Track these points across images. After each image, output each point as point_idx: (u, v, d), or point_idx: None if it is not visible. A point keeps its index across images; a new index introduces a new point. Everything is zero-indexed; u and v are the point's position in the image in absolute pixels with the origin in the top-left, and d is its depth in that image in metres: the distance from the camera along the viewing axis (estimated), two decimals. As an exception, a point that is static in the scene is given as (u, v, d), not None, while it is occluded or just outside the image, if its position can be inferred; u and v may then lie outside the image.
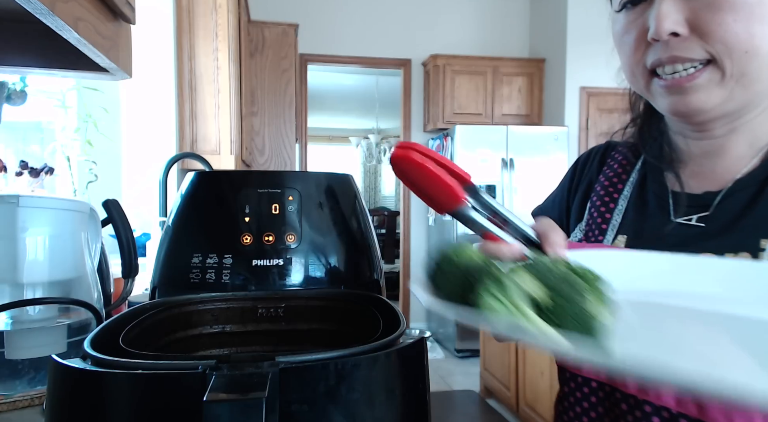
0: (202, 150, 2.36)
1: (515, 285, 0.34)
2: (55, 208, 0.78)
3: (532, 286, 0.34)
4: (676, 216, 0.59)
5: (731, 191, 0.57)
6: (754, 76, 0.52)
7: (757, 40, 0.50)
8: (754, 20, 0.50)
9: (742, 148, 0.58)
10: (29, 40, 0.63)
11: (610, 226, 0.65)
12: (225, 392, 0.34)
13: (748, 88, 0.53)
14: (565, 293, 0.34)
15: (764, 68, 0.52)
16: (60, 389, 0.40)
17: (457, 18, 4.98)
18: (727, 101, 0.54)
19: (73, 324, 0.75)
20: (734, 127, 0.57)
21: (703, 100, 0.54)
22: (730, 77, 0.52)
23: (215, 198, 0.75)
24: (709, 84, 0.53)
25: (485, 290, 0.34)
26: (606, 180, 0.69)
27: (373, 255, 0.79)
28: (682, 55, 0.53)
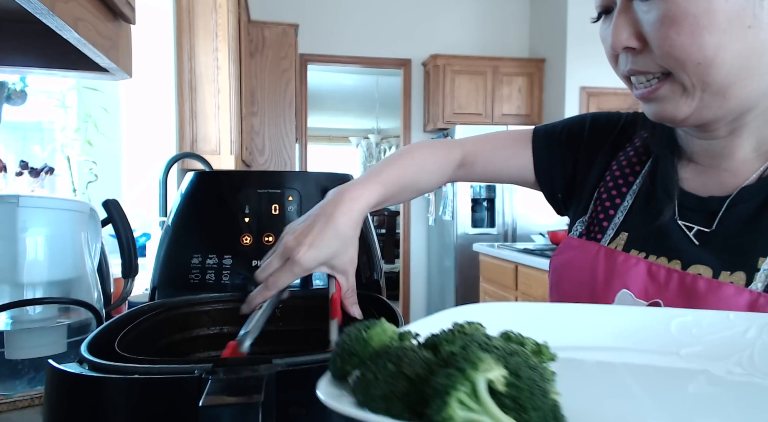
0: (202, 150, 2.36)
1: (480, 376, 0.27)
2: (55, 208, 0.78)
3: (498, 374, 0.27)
4: (681, 217, 0.59)
5: (735, 202, 0.56)
6: (722, 84, 0.50)
7: (708, 50, 0.48)
8: (701, 31, 0.48)
9: (747, 151, 0.57)
10: (29, 40, 0.63)
11: (611, 224, 0.65)
12: (221, 396, 0.34)
13: (722, 95, 0.51)
14: (525, 379, 0.28)
15: (733, 74, 0.50)
16: (57, 394, 0.40)
17: (457, 18, 4.97)
18: (703, 109, 0.52)
19: (73, 324, 0.75)
20: (735, 128, 0.56)
21: (672, 110, 0.53)
22: (692, 88, 0.51)
23: (215, 198, 0.75)
24: (673, 95, 0.53)
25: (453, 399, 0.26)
26: (618, 170, 0.68)
27: (373, 255, 0.79)
28: (639, 69, 0.54)
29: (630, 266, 0.60)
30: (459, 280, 4.32)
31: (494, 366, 0.27)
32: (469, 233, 4.35)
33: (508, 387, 0.27)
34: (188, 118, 2.35)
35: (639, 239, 0.62)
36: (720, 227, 0.56)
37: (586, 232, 0.69)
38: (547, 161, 0.76)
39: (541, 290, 2.67)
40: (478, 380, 0.26)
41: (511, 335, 0.34)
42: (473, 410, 0.26)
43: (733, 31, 0.48)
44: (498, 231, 4.39)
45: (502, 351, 0.29)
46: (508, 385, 0.27)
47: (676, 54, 0.49)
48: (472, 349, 0.29)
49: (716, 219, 0.56)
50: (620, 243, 0.63)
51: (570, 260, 0.67)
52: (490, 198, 4.42)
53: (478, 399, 0.26)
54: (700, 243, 0.57)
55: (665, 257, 0.58)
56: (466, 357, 0.27)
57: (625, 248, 0.62)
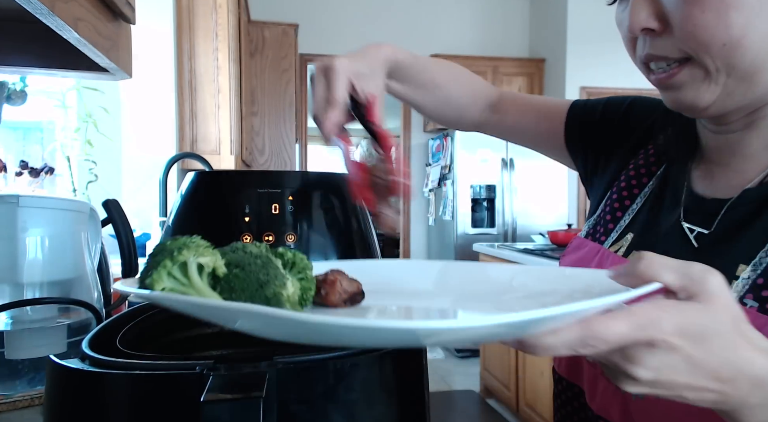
0: (202, 150, 2.36)
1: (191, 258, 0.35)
2: (55, 208, 0.78)
3: (209, 260, 0.35)
4: (685, 219, 0.57)
5: (734, 205, 0.53)
6: (749, 69, 0.47)
7: (735, 30, 0.45)
8: (727, 8, 0.44)
9: (757, 147, 0.54)
10: (29, 40, 0.63)
11: (617, 226, 0.64)
12: (222, 392, 0.34)
13: (748, 80, 0.48)
14: (245, 265, 0.36)
15: (761, 58, 0.46)
16: (58, 390, 0.40)
17: (457, 18, 4.98)
18: (727, 97, 0.49)
19: (73, 324, 0.75)
20: (752, 120, 0.53)
21: (693, 97, 0.50)
22: (716, 73, 0.48)
23: (215, 198, 0.75)
24: (693, 81, 0.49)
25: (159, 265, 0.35)
26: (634, 170, 0.66)
27: (373, 255, 0.79)
28: (656, 54, 0.51)
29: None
30: (459, 280, 4.31)
31: (208, 253, 0.36)
32: (469, 233, 4.36)
33: (226, 275, 0.36)
34: (188, 118, 2.35)
35: (643, 242, 0.60)
36: (716, 230, 0.54)
37: (592, 232, 0.67)
38: (579, 141, 0.74)
39: (541, 290, 2.67)
40: (189, 261, 0.35)
41: (281, 251, 0.42)
42: (180, 282, 0.35)
43: (762, 9, 0.44)
44: (498, 231, 4.40)
45: (237, 251, 0.37)
46: (227, 273, 0.36)
47: (700, 34, 0.46)
48: (193, 242, 0.37)
49: (715, 222, 0.54)
50: (624, 245, 0.62)
51: (574, 262, 0.67)
52: (490, 198, 4.43)
53: (187, 275, 0.35)
54: (699, 246, 0.55)
55: None
56: (184, 245, 0.36)
57: (628, 250, 0.61)
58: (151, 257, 0.36)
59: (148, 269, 0.35)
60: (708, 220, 0.55)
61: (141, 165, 2.18)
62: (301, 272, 0.41)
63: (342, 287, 0.43)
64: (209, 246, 0.38)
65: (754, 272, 0.49)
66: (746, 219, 0.52)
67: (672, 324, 0.33)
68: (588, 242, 0.67)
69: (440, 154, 4.66)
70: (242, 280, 0.35)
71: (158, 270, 0.34)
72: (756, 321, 0.46)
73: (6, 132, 2.05)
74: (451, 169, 4.42)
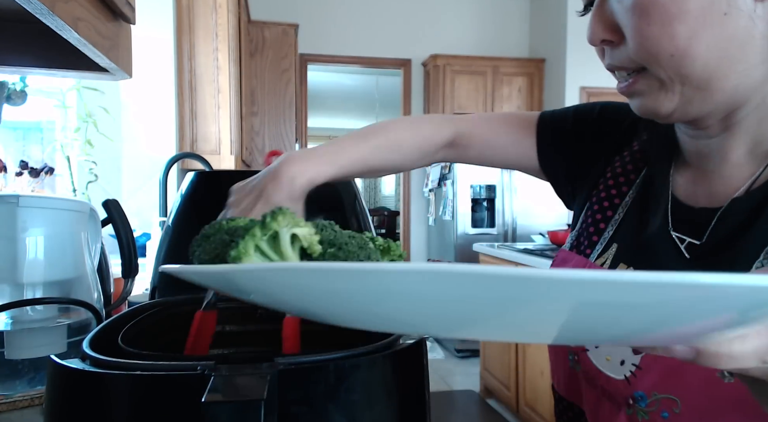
0: (202, 150, 2.36)
1: (285, 229, 0.29)
2: (55, 208, 0.78)
3: (305, 231, 0.30)
4: (674, 229, 0.56)
5: (725, 214, 0.52)
6: (701, 77, 0.47)
7: (681, 41, 0.45)
8: (671, 20, 0.45)
9: (741, 152, 0.53)
10: (29, 40, 0.63)
11: (601, 238, 0.62)
12: (223, 393, 0.34)
13: (704, 88, 0.48)
14: (341, 245, 0.31)
15: (712, 66, 0.46)
16: (58, 389, 0.40)
17: (457, 18, 4.98)
18: (687, 104, 0.49)
19: (73, 324, 0.75)
20: (728, 125, 0.52)
21: (653, 105, 0.51)
22: (670, 82, 0.48)
23: (215, 198, 0.75)
24: (651, 90, 0.50)
25: (249, 237, 0.29)
26: (612, 179, 0.64)
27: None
28: (615, 64, 0.52)
29: None
30: (459, 280, 4.31)
31: (301, 224, 0.29)
32: (469, 233, 4.36)
33: (321, 254, 0.29)
34: (188, 118, 2.35)
35: (628, 253, 0.59)
36: (709, 241, 0.53)
37: (576, 244, 0.66)
38: (553, 154, 0.72)
39: (541, 290, 2.67)
40: (282, 232, 0.28)
41: (371, 235, 0.37)
42: (270, 259, 0.28)
43: (706, 19, 0.45)
44: (498, 231, 4.40)
45: (326, 229, 0.32)
46: (323, 251, 0.29)
47: (648, 45, 0.47)
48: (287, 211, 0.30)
49: (706, 232, 0.53)
50: (609, 257, 0.60)
51: None
52: (490, 198, 4.43)
53: (278, 249, 0.28)
54: (691, 257, 0.54)
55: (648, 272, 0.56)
56: (276, 217, 0.29)
57: (614, 262, 0.59)
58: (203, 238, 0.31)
59: (227, 244, 0.29)
60: (698, 230, 0.54)
61: (141, 165, 2.18)
62: (395, 261, 0.36)
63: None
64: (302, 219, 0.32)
65: None
66: (738, 230, 0.51)
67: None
68: (574, 255, 0.65)
69: (440, 154, 4.66)
70: (341, 261, 0.30)
71: (246, 241, 0.28)
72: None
73: (6, 132, 2.04)
74: (451, 169, 4.42)
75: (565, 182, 0.73)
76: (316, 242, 0.30)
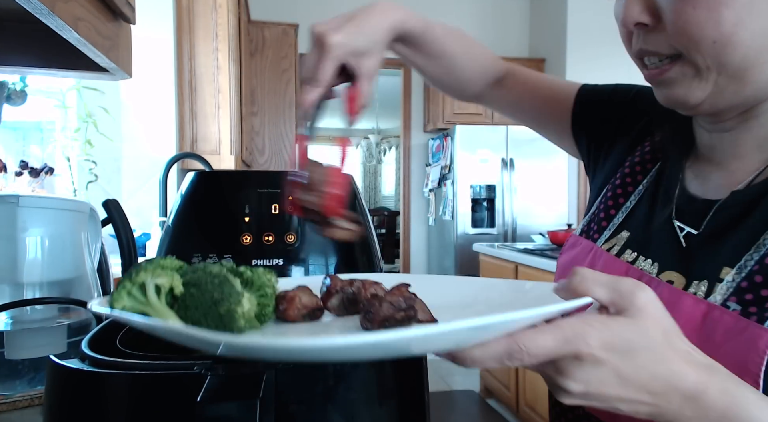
0: (202, 150, 2.36)
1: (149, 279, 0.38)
2: (55, 208, 0.78)
3: (165, 280, 0.38)
4: (677, 217, 0.56)
5: (723, 206, 0.53)
6: (739, 66, 0.46)
7: (726, 27, 0.44)
8: (718, 4, 0.44)
9: (750, 147, 0.53)
10: (29, 40, 0.63)
11: (610, 224, 0.63)
12: (219, 393, 0.34)
13: (739, 78, 0.47)
14: (201, 284, 0.38)
15: (752, 56, 0.45)
16: (57, 389, 0.40)
17: (457, 18, 4.98)
18: (718, 94, 0.49)
19: (73, 324, 0.75)
20: (745, 119, 0.52)
21: (684, 94, 0.50)
22: (707, 70, 0.47)
23: (215, 198, 0.75)
24: (684, 78, 0.49)
25: (120, 287, 0.38)
26: (629, 167, 0.65)
27: (373, 255, 0.79)
28: (648, 49, 0.50)
29: (613, 269, 0.58)
30: (459, 280, 4.31)
31: (166, 275, 0.38)
32: (469, 233, 4.35)
33: (183, 294, 0.38)
34: (188, 118, 2.35)
35: (636, 240, 0.60)
36: (704, 231, 0.53)
37: (586, 229, 0.67)
38: (585, 122, 0.73)
39: (541, 290, 2.67)
40: (147, 281, 0.38)
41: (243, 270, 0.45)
42: (139, 301, 0.38)
43: (754, 5, 0.44)
44: (498, 231, 4.39)
45: (197, 272, 0.40)
46: (184, 292, 0.38)
47: (690, 30, 0.45)
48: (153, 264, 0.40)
49: (704, 222, 0.53)
50: (619, 243, 0.61)
51: (571, 260, 0.66)
52: (490, 198, 4.43)
53: (145, 295, 0.38)
54: (686, 246, 0.54)
55: (650, 259, 0.57)
56: (144, 269, 0.39)
57: (623, 248, 0.60)
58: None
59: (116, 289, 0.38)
60: (698, 220, 0.54)
61: (141, 165, 2.18)
62: (260, 290, 0.43)
63: (301, 302, 0.44)
64: (176, 268, 0.41)
65: (739, 275, 0.48)
66: (733, 221, 0.51)
67: (597, 338, 0.34)
68: (582, 240, 0.66)
69: (440, 154, 4.66)
70: (197, 298, 0.37)
71: (119, 290, 0.37)
72: (738, 324, 0.45)
73: (6, 132, 2.05)
74: (451, 169, 4.42)
75: (587, 152, 0.74)
76: (179, 285, 0.38)
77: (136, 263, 0.40)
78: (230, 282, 0.39)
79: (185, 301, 0.38)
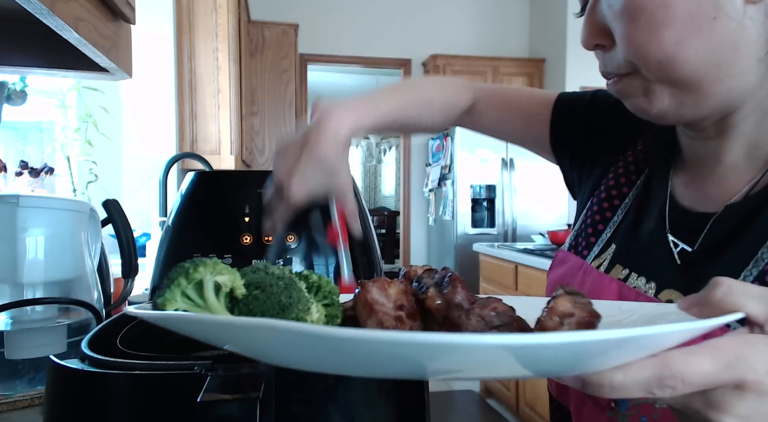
0: (202, 150, 2.36)
1: (208, 276, 0.33)
2: (55, 208, 0.78)
3: (227, 278, 0.33)
4: (671, 232, 0.55)
5: (718, 221, 0.51)
6: (692, 81, 0.46)
7: (668, 46, 0.45)
8: (657, 26, 0.45)
9: (738, 155, 0.52)
10: (29, 40, 0.63)
11: (599, 240, 0.62)
12: (220, 393, 0.34)
13: (696, 92, 0.47)
14: (266, 287, 0.33)
15: (702, 70, 0.46)
16: (58, 389, 0.40)
17: (457, 18, 4.98)
18: (680, 106, 0.49)
19: (73, 324, 0.75)
20: (724, 128, 0.51)
21: (643, 105, 0.50)
22: (659, 84, 0.48)
23: (215, 198, 0.75)
24: (636, 91, 0.50)
25: (173, 283, 0.32)
26: (614, 179, 0.64)
27: (373, 255, 0.79)
28: (608, 71, 0.52)
29: (603, 286, 0.57)
30: (459, 280, 4.32)
31: (227, 272, 0.33)
32: (469, 233, 4.36)
33: (246, 296, 0.33)
34: (188, 118, 2.35)
35: (625, 255, 0.58)
36: (701, 248, 0.52)
37: (574, 245, 0.65)
38: (565, 136, 0.71)
39: (540, 290, 2.68)
40: (206, 279, 0.32)
41: (306, 273, 0.39)
42: (195, 303, 0.32)
43: (694, 24, 0.44)
44: (498, 231, 4.40)
45: (258, 272, 0.34)
46: (246, 294, 0.33)
47: (636, 51, 0.47)
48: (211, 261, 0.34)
49: (699, 238, 0.52)
50: (607, 257, 0.60)
51: (561, 276, 0.65)
52: (490, 198, 4.43)
53: (203, 295, 0.32)
54: (681, 263, 0.53)
55: (644, 277, 0.55)
56: (201, 263, 0.33)
57: (611, 263, 0.59)
58: (167, 278, 0.34)
59: (161, 289, 0.33)
60: (692, 235, 0.53)
61: (141, 165, 2.17)
62: (327, 298, 0.38)
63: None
64: (228, 267, 0.35)
65: None
66: (729, 237, 0.50)
67: (765, 363, 0.28)
68: (571, 257, 0.65)
69: (440, 154, 4.66)
70: (262, 302, 0.33)
71: (171, 289, 0.32)
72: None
73: (6, 132, 2.05)
74: (451, 169, 4.42)
75: (571, 168, 0.72)
76: (241, 286, 0.33)
77: (184, 263, 0.34)
78: (298, 286, 0.35)
79: (248, 304, 0.33)
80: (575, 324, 0.33)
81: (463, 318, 0.32)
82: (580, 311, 0.34)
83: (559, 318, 0.33)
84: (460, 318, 0.32)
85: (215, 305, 0.32)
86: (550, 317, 0.33)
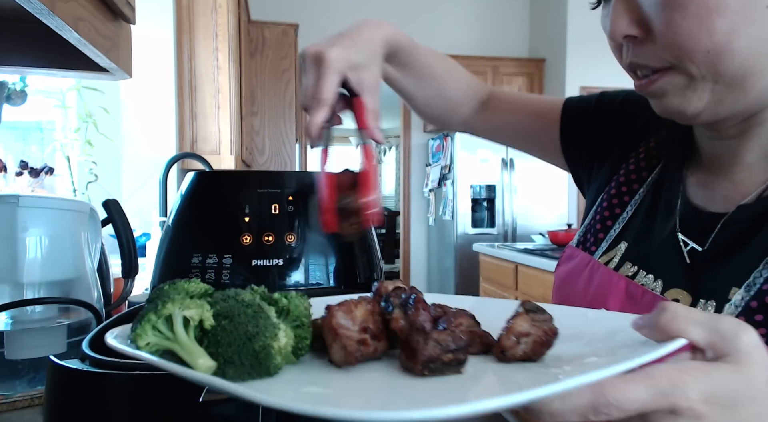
0: (202, 150, 2.36)
1: (177, 311, 0.34)
2: (55, 208, 0.78)
3: (194, 312, 0.34)
4: (681, 230, 0.54)
5: (729, 221, 0.50)
6: (737, 75, 0.44)
7: (719, 36, 0.42)
8: (710, 13, 0.42)
9: (755, 155, 0.51)
10: (29, 40, 0.63)
11: (607, 236, 0.61)
12: (220, 392, 0.34)
13: (738, 86, 0.45)
14: (233, 316, 0.34)
15: (750, 63, 0.43)
16: (58, 390, 0.40)
17: (457, 18, 4.98)
18: (718, 103, 0.46)
19: (73, 324, 0.75)
20: (748, 127, 0.50)
21: (679, 104, 0.47)
22: (702, 79, 0.45)
23: (215, 198, 0.75)
24: (676, 89, 0.47)
25: (143, 319, 0.34)
26: (624, 176, 0.63)
27: (373, 255, 0.79)
28: (639, 62, 0.48)
29: (612, 284, 0.57)
30: (459, 280, 4.32)
31: (195, 305, 0.34)
32: (469, 233, 4.36)
33: (214, 327, 0.34)
34: (188, 118, 2.35)
35: (635, 252, 0.57)
36: (711, 248, 0.51)
37: (582, 241, 0.65)
38: (574, 136, 0.71)
39: (541, 290, 2.67)
40: (175, 314, 0.34)
41: (278, 297, 0.39)
42: (165, 336, 0.34)
43: (747, 12, 0.41)
44: (498, 231, 4.40)
45: (229, 300, 0.36)
46: (215, 325, 0.34)
47: (682, 41, 0.43)
48: (181, 292, 0.36)
49: (709, 239, 0.51)
50: (618, 254, 0.59)
51: (569, 272, 0.64)
52: (490, 198, 4.43)
53: (172, 329, 0.34)
54: (691, 262, 0.52)
55: (653, 275, 0.54)
56: (168, 296, 0.35)
57: (621, 261, 0.58)
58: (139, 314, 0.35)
59: (135, 322, 0.34)
60: (703, 235, 0.52)
61: (141, 165, 2.17)
62: (297, 320, 0.39)
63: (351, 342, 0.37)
64: (201, 293, 0.37)
65: (748, 293, 0.46)
66: (740, 238, 0.49)
67: (698, 390, 0.29)
68: (579, 252, 0.64)
69: (440, 154, 4.66)
70: (230, 333, 0.34)
71: (142, 325, 0.33)
72: None
73: (6, 132, 2.04)
74: (451, 169, 4.42)
75: (581, 167, 0.72)
76: (209, 317, 0.34)
77: (158, 288, 0.36)
78: (265, 313, 0.35)
79: (216, 335, 0.34)
80: (531, 343, 0.35)
81: (421, 342, 0.33)
82: (537, 330, 0.36)
83: (515, 337, 0.36)
84: (417, 343, 0.33)
85: (184, 338, 0.34)
86: (508, 336, 0.36)
